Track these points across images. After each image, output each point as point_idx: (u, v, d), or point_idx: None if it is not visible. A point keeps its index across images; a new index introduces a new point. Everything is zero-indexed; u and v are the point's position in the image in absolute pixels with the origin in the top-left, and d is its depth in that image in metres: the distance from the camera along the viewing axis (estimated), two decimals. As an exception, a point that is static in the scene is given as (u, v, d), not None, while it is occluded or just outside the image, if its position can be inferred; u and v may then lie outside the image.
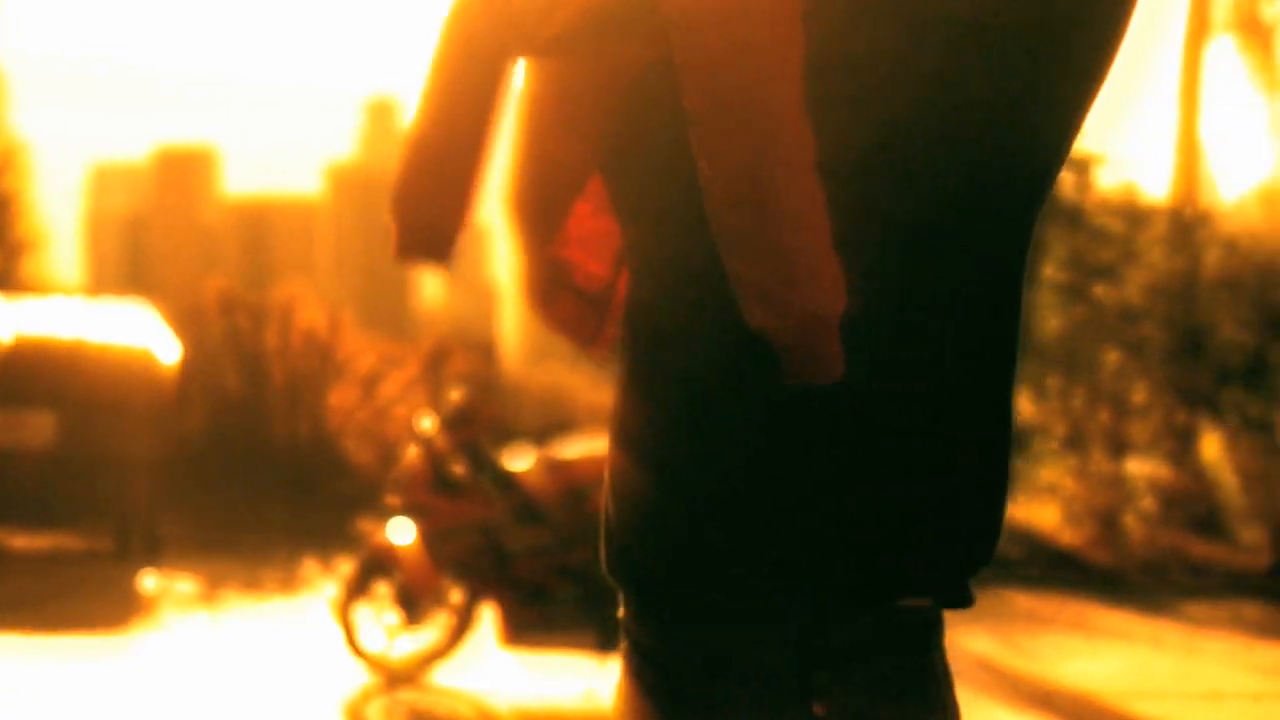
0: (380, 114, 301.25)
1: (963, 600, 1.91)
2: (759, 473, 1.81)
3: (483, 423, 9.13)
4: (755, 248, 1.74)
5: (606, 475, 1.95)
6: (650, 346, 1.86)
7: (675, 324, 1.85)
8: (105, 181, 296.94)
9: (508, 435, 10.72)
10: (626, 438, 1.90)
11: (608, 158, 1.94)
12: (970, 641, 10.46)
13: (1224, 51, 18.62)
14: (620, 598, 1.93)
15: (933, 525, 1.85)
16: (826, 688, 1.85)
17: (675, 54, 1.77)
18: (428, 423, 9.08)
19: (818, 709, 1.85)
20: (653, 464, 1.87)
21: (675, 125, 1.81)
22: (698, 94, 1.77)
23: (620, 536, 1.89)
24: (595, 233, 2.00)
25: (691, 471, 1.83)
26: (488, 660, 9.00)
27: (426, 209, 1.90)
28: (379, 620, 8.82)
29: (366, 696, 8.54)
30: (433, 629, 8.85)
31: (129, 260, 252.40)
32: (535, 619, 8.66)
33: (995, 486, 1.89)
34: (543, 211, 1.99)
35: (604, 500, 1.95)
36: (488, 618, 8.86)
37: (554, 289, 2.03)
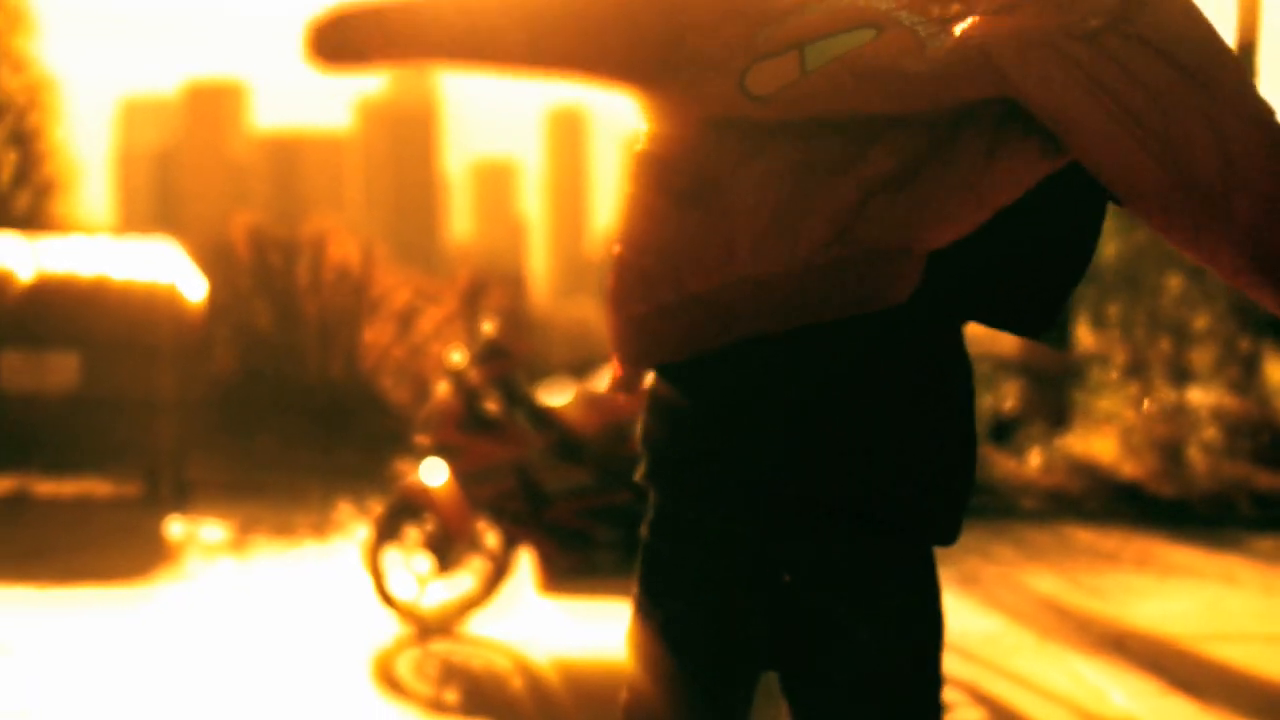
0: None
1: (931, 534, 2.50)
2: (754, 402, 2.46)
3: (517, 356, 8.60)
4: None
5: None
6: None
7: None
8: (135, 116, 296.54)
9: (541, 370, 10.25)
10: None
11: None
12: (1035, 580, 10.00)
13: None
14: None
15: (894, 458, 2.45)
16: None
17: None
18: (459, 357, 8.59)
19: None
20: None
21: None
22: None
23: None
24: None
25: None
26: (525, 608, 8.58)
27: (356, 30, 2.42)
28: (410, 566, 8.37)
29: (399, 648, 8.10)
30: (467, 575, 8.41)
31: (158, 196, 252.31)
32: (575, 563, 8.18)
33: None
34: None
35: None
36: (525, 563, 8.41)
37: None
